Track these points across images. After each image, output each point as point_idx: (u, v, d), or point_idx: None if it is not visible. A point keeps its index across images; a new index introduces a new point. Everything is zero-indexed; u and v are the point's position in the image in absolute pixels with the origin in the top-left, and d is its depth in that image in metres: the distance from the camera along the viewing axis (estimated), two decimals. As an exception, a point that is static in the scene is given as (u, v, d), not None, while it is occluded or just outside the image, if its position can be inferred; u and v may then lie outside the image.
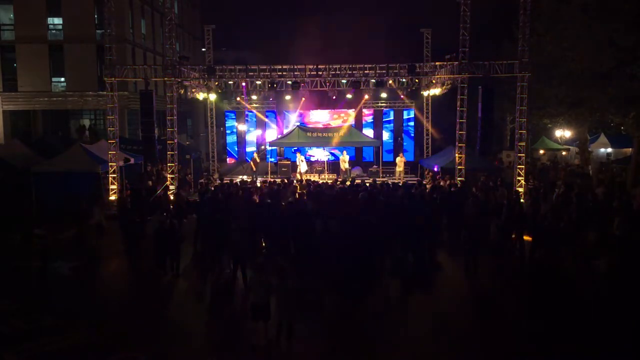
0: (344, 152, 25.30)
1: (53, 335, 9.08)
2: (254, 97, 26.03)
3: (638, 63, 18.74)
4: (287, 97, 25.25)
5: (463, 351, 8.73)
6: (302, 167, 24.73)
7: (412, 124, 27.98)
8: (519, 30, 18.41)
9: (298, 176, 23.65)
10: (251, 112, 28.28)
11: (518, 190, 18.41)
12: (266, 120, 28.45)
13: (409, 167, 26.87)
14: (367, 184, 18.34)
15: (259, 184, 20.10)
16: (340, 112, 28.04)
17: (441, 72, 21.69)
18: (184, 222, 15.08)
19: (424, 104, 26.57)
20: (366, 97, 25.82)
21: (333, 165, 26.56)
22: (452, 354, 8.68)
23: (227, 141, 29.17)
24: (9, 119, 31.34)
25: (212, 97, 25.65)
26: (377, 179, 22.10)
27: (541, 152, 32.92)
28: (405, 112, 27.90)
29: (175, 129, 20.41)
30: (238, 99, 26.76)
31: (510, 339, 9.12)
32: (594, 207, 14.94)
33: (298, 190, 18.17)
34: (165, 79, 20.07)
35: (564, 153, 32.52)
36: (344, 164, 24.68)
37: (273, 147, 26.80)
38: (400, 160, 24.79)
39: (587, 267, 11.61)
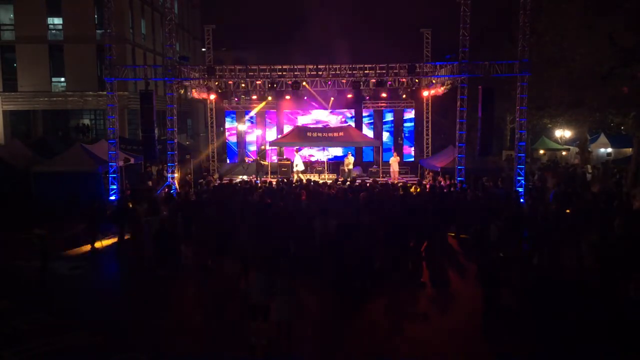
0: (349, 154, 25.02)
1: (53, 335, 9.07)
2: (254, 97, 26.01)
3: (638, 63, 18.77)
4: (287, 97, 25.22)
5: (462, 352, 8.73)
6: (300, 166, 24.44)
7: (412, 124, 27.96)
8: (519, 30, 18.40)
9: (295, 176, 23.40)
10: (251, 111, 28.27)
11: (518, 190, 18.41)
12: (266, 120, 28.42)
13: (409, 167, 26.86)
14: (367, 184, 18.33)
15: (259, 184, 20.08)
16: (340, 112, 28.01)
17: (441, 72, 21.70)
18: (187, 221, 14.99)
19: (424, 104, 26.57)
20: (367, 97, 25.76)
21: (333, 165, 26.52)
22: (451, 355, 8.68)
23: (227, 141, 29.12)
24: (9, 119, 31.38)
25: (212, 97, 25.62)
26: (378, 179, 22.09)
27: (541, 152, 32.96)
28: (405, 112, 27.89)
29: (175, 129, 20.42)
30: (236, 99, 26.73)
31: (510, 340, 9.12)
32: (594, 207, 14.93)
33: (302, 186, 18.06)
34: (166, 79, 20.10)
35: (564, 153, 32.55)
36: (348, 166, 24.45)
37: (273, 147, 26.76)
38: (394, 160, 24.74)
39: (587, 267, 11.62)
